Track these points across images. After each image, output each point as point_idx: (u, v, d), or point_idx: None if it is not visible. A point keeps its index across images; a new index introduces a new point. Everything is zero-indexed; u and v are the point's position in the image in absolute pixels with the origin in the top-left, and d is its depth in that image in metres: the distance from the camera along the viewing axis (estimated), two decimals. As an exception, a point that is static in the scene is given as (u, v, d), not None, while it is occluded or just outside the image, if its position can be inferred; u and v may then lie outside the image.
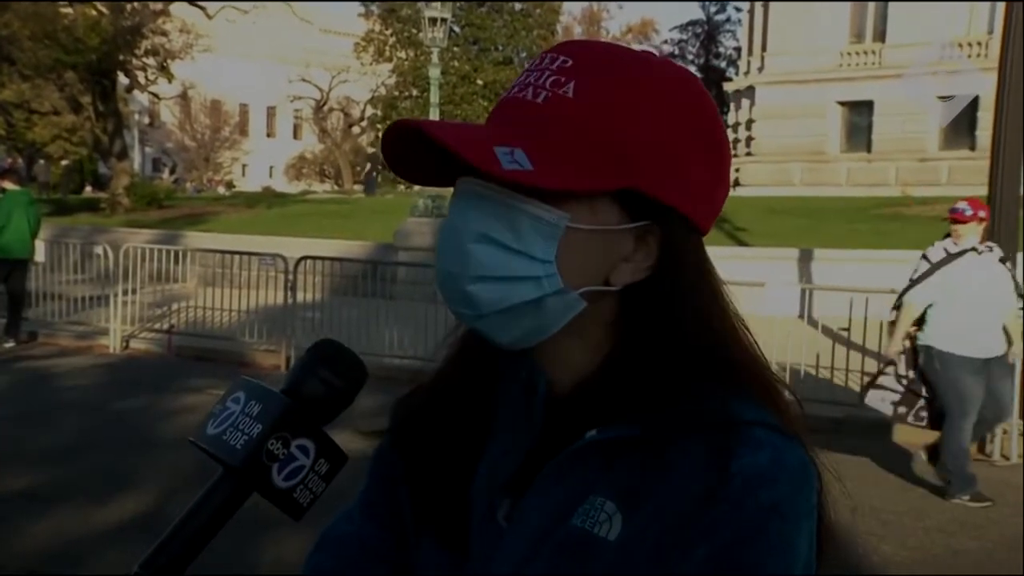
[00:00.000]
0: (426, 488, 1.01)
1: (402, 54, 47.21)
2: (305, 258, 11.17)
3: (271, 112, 70.57)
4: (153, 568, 0.79)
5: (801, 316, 11.36)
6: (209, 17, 30.93)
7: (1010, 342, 6.29)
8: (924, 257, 6.33)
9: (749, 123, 38.94)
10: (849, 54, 36.63)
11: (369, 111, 51.93)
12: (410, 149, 0.92)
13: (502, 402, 1.00)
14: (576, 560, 0.88)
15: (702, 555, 0.83)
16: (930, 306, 6.20)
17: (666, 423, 0.87)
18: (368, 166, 34.91)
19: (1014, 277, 6.42)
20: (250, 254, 11.98)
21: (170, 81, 31.17)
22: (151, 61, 29.25)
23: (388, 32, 47.88)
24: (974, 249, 6.17)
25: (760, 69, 38.87)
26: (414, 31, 41.09)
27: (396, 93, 47.71)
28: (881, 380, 6.47)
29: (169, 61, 29.86)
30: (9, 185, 11.36)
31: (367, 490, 1.10)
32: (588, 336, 0.93)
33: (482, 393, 1.00)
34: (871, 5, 36.19)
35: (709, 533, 0.83)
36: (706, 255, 0.95)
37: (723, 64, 61.42)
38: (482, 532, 0.96)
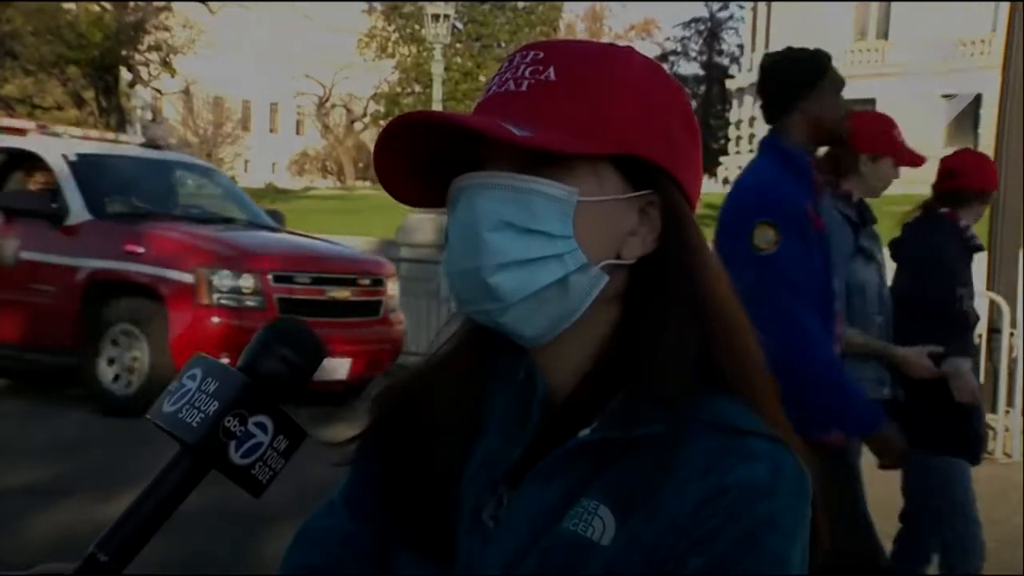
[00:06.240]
0: (407, 486, 0.98)
1: (405, 50, 47.24)
2: (307, 254, 11.10)
3: (273, 108, 70.43)
4: (110, 547, 0.79)
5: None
6: (212, 12, 30.96)
7: None
8: None
9: (752, 120, 38.91)
10: (852, 52, 36.61)
11: (372, 107, 51.91)
12: (399, 160, 0.92)
13: (495, 401, 0.98)
14: (567, 564, 0.86)
15: (697, 566, 0.82)
16: None
17: (663, 426, 0.85)
18: None
19: None
20: (252, 250, 11.91)
21: (173, 77, 31.12)
22: (154, 57, 29.27)
23: (391, 28, 47.92)
24: None
25: (763, 66, 38.86)
26: (417, 27, 41.06)
27: (399, 89, 47.73)
28: None
29: (172, 57, 29.86)
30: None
31: (350, 485, 1.06)
32: (588, 331, 0.92)
33: (470, 391, 0.98)
34: (874, 3, 36.18)
35: (705, 544, 0.82)
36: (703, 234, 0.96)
37: (726, 61, 61.43)
38: (468, 532, 0.95)
